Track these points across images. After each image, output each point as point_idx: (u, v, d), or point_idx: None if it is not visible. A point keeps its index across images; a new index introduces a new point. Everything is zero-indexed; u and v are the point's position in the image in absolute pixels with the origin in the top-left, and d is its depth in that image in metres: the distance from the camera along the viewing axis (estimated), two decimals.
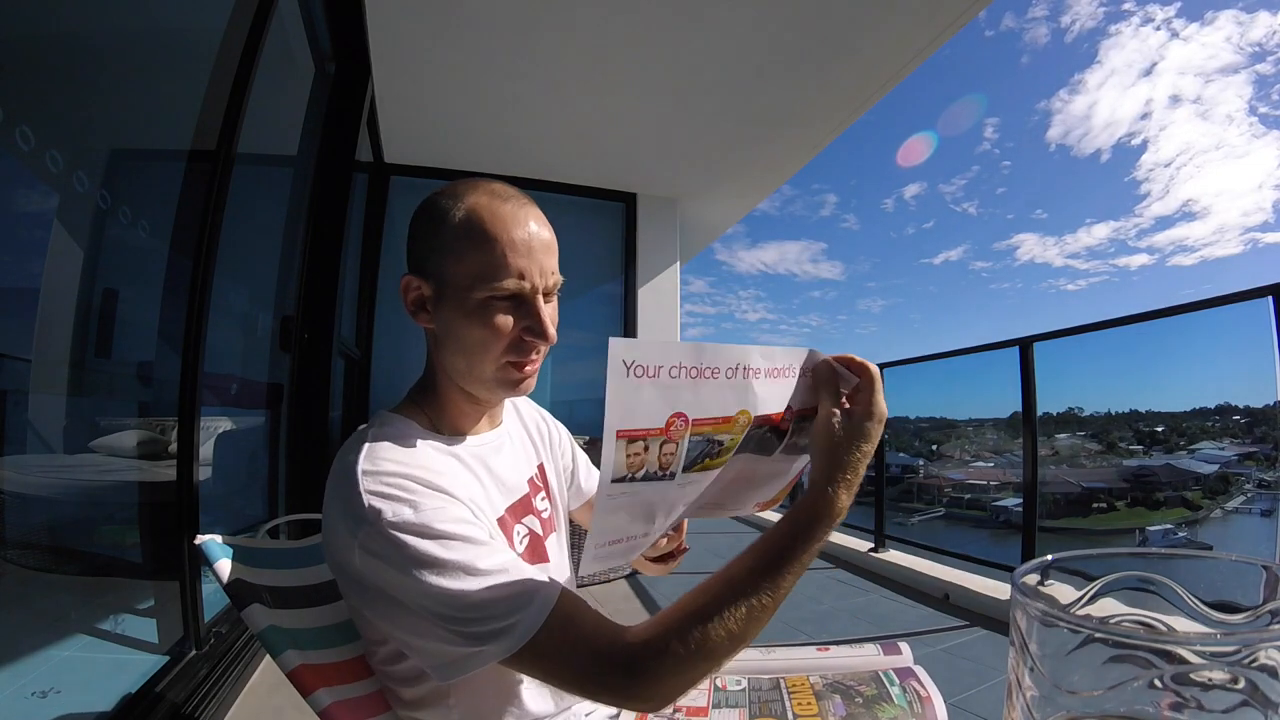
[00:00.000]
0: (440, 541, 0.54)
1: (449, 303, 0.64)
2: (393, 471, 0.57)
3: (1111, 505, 24.80)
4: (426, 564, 0.53)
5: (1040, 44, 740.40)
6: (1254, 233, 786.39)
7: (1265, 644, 0.27)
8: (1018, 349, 2.69)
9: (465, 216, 0.62)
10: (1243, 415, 26.01)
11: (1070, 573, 0.37)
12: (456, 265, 0.63)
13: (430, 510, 0.55)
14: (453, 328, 0.65)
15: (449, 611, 0.52)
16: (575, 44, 3.02)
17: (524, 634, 0.52)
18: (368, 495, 0.55)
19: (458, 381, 0.68)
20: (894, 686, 0.76)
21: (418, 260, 0.66)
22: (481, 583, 0.53)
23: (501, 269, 0.62)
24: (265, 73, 1.69)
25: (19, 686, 1.02)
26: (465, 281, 0.62)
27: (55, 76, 1.10)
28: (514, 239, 0.62)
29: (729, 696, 0.78)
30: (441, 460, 0.64)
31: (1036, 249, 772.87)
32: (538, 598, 0.54)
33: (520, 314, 0.64)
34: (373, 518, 0.54)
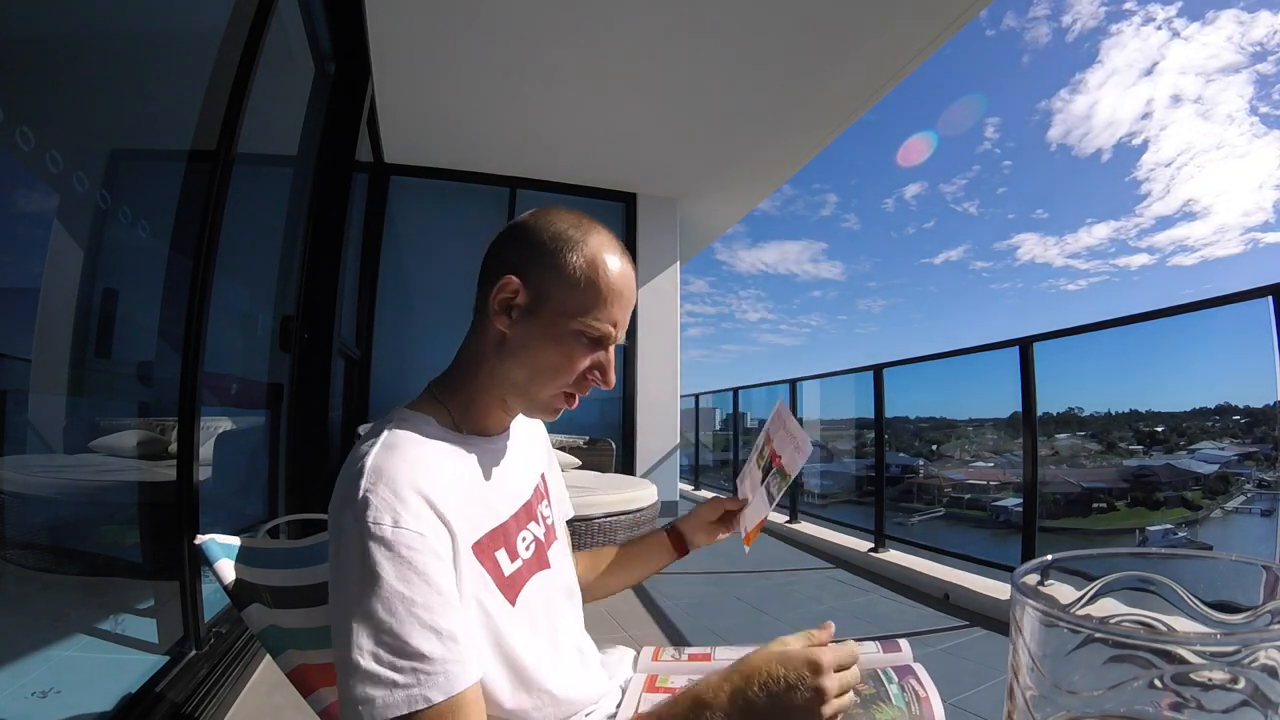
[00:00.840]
0: (400, 568, 0.53)
1: (539, 319, 0.66)
2: (398, 474, 0.57)
3: (1111, 505, 24.71)
4: (375, 581, 0.52)
5: (1041, 43, 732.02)
6: (1254, 233, 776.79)
7: (1265, 644, 0.27)
8: (1018, 349, 2.68)
9: (590, 256, 0.67)
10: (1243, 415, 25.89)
11: (1070, 573, 0.37)
12: (565, 291, 0.66)
13: (408, 532, 0.54)
14: (531, 342, 0.67)
15: (368, 637, 0.51)
16: (575, 44, 3.02)
17: (413, 703, 0.51)
18: (365, 489, 0.55)
19: (503, 389, 0.69)
20: (892, 685, 0.76)
21: (520, 266, 0.67)
22: (410, 629, 0.52)
23: (602, 313, 0.67)
24: (265, 73, 1.69)
25: (19, 686, 1.02)
26: (568, 309, 0.66)
27: (55, 76, 1.10)
28: (622, 293, 0.68)
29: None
30: (455, 468, 0.64)
31: (1037, 249, 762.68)
32: (450, 676, 0.52)
33: (595, 357, 0.69)
34: (359, 514, 0.54)
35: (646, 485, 3.19)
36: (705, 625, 2.32)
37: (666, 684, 0.80)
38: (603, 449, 4.12)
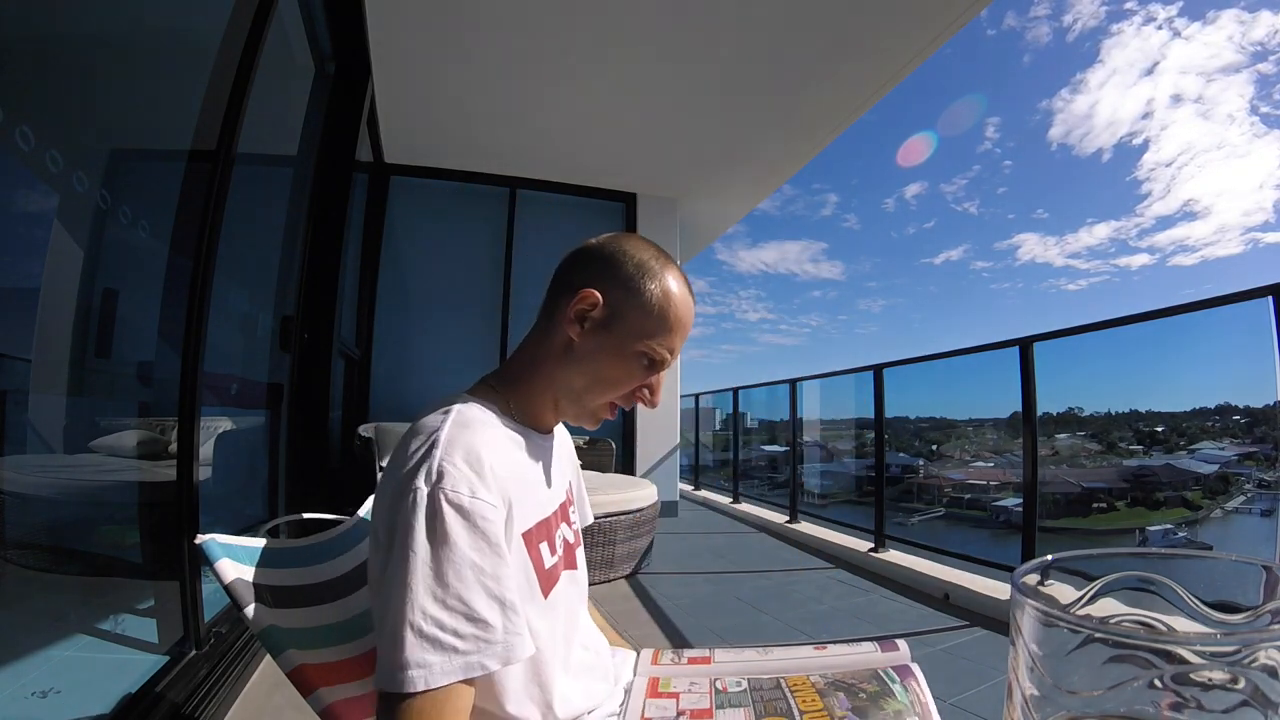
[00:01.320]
0: (475, 536, 0.55)
1: (610, 335, 0.71)
2: (476, 447, 0.59)
3: (1111, 505, 24.72)
4: (449, 545, 0.53)
5: (1042, 43, 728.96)
6: (1255, 232, 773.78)
7: (1265, 644, 0.27)
8: (1018, 349, 2.69)
9: (665, 288, 0.72)
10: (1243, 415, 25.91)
11: (1070, 573, 0.37)
12: (638, 314, 0.71)
13: (484, 504, 0.56)
14: (598, 354, 0.71)
15: (431, 599, 0.52)
16: (575, 44, 3.02)
17: (469, 669, 0.52)
18: (443, 456, 0.57)
19: (559, 393, 0.73)
20: (895, 684, 0.77)
21: (602, 284, 0.71)
22: (476, 596, 0.53)
23: (666, 340, 0.72)
24: (265, 73, 1.69)
25: (19, 686, 1.02)
26: (637, 330, 0.71)
27: (55, 76, 1.10)
28: (686, 325, 0.74)
29: (731, 698, 0.78)
30: (517, 454, 0.67)
31: (1037, 249, 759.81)
32: (510, 647, 0.54)
33: (647, 377, 0.73)
34: (435, 479, 0.55)
35: (646, 485, 3.19)
36: (705, 625, 2.32)
37: (669, 688, 0.80)
38: (603, 449, 4.13)
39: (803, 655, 0.88)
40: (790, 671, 0.83)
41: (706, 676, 0.83)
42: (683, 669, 0.86)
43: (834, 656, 0.87)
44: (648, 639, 2.16)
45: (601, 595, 2.70)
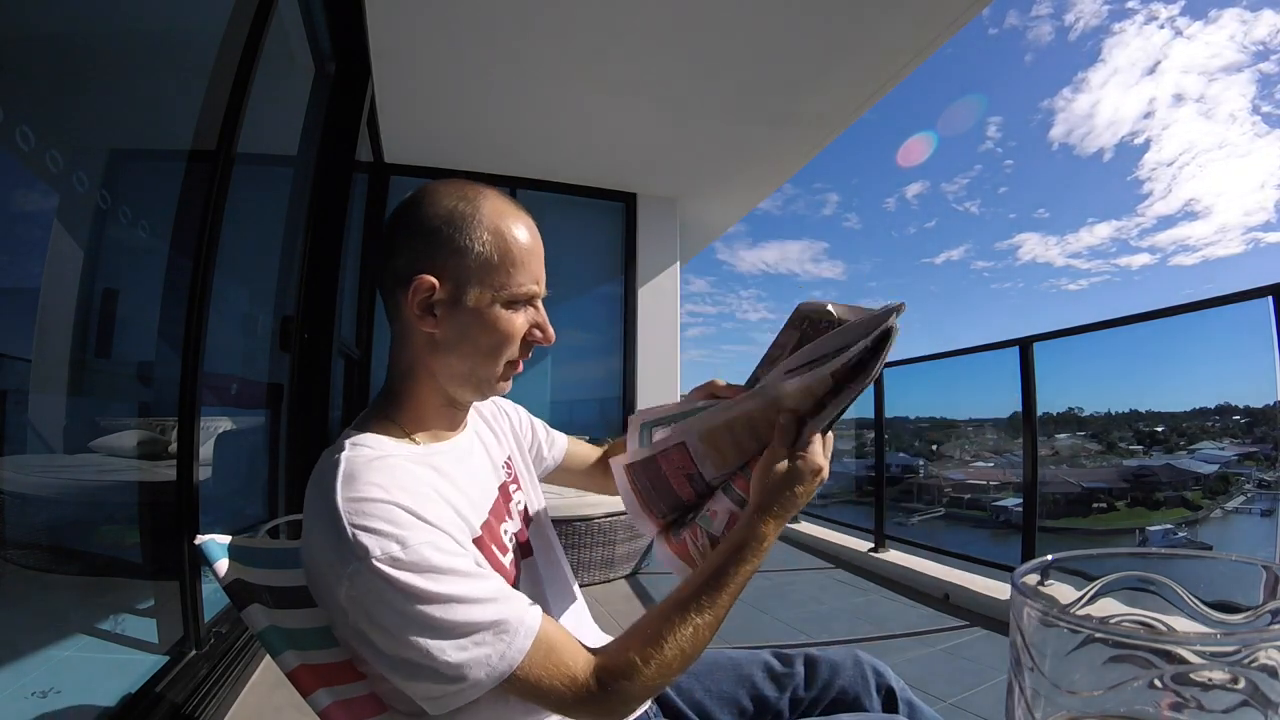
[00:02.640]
0: (429, 576, 0.54)
1: (467, 307, 0.65)
2: (376, 499, 0.55)
3: (1111, 505, 24.80)
4: (417, 599, 0.53)
5: (1044, 42, 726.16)
6: (1255, 232, 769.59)
7: (1265, 644, 0.27)
8: (1018, 349, 2.69)
9: (492, 225, 0.65)
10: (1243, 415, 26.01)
11: (1070, 573, 0.37)
12: (481, 270, 0.64)
13: (417, 545, 0.54)
14: (467, 331, 0.66)
15: (437, 643, 0.53)
16: (575, 44, 3.02)
17: (511, 663, 0.55)
18: (353, 529, 0.53)
19: (447, 385, 0.68)
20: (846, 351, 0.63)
21: (428, 263, 0.64)
22: (471, 614, 0.54)
23: (524, 275, 0.66)
24: (265, 73, 1.69)
25: (19, 686, 1.02)
26: (492, 286, 0.65)
27: (55, 76, 1.10)
28: (534, 249, 0.68)
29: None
30: (422, 478, 0.62)
31: (1038, 248, 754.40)
32: (524, 626, 0.57)
33: (528, 317, 0.68)
34: (361, 554, 0.53)
35: None
36: None
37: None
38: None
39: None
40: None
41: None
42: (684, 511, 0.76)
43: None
44: None
45: (601, 595, 2.70)
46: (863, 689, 0.81)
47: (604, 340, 4.80)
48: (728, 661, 0.86)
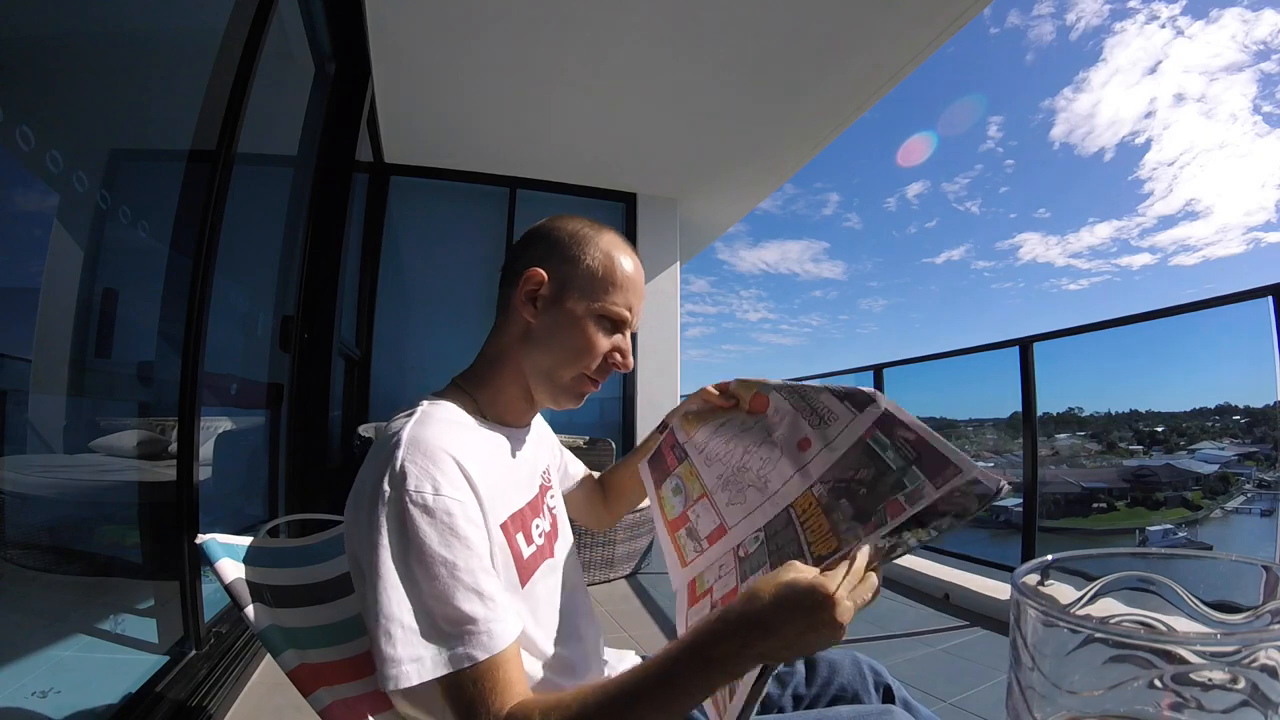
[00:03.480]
0: (442, 532, 0.56)
1: (563, 306, 0.72)
2: (435, 444, 0.59)
3: (1111, 505, 24.80)
4: (418, 547, 0.55)
5: (1045, 41, 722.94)
6: (1256, 232, 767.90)
7: (1265, 644, 0.27)
8: (1018, 349, 2.69)
9: (605, 250, 0.74)
10: (1243, 415, 26.03)
11: (1070, 573, 0.37)
12: (584, 279, 0.72)
13: (448, 499, 0.57)
14: (556, 329, 0.72)
15: (412, 601, 0.54)
16: (575, 44, 3.02)
17: (458, 662, 0.54)
18: (402, 459, 0.58)
19: (530, 377, 0.74)
20: (886, 450, 0.65)
21: (544, 261, 0.73)
22: (454, 592, 0.55)
23: (619, 297, 0.73)
24: (265, 73, 1.69)
25: (19, 686, 1.02)
26: (589, 294, 0.72)
27: (55, 76, 1.10)
28: (636, 282, 0.75)
29: (753, 560, 0.73)
30: (483, 448, 0.67)
31: (1039, 248, 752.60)
32: (491, 636, 0.55)
33: (614, 340, 0.74)
34: (398, 482, 0.56)
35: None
36: None
37: (704, 585, 0.78)
38: (603, 449, 4.13)
39: (795, 463, 0.74)
40: (795, 494, 0.72)
41: (729, 551, 0.76)
42: (707, 554, 0.81)
43: (820, 455, 0.71)
44: (648, 639, 2.16)
45: (601, 595, 2.70)
46: (861, 687, 0.82)
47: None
48: None
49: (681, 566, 0.83)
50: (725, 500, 0.80)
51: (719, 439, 0.86)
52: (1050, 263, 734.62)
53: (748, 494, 0.78)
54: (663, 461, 0.94)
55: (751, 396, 0.85)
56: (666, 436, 0.96)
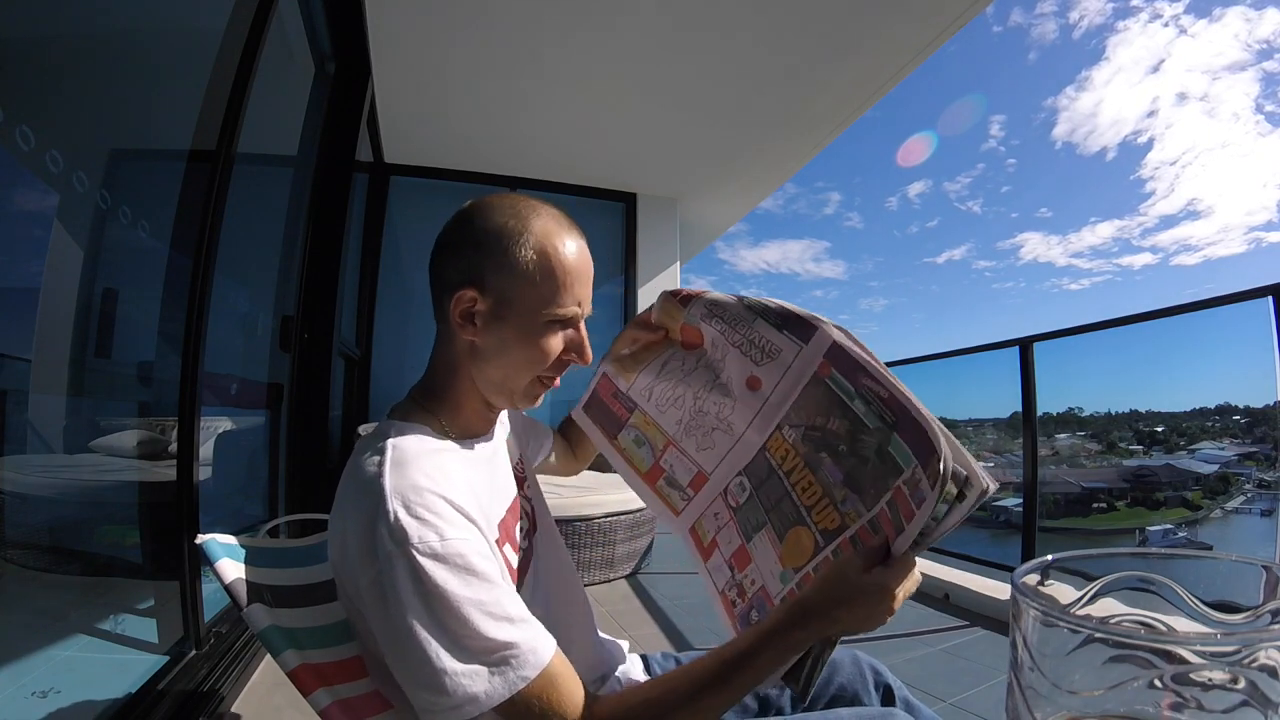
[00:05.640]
0: (461, 575, 0.54)
1: (507, 322, 0.66)
2: (424, 487, 0.57)
3: (1111, 505, 24.81)
4: (441, 595, 0.53)
5: (1048, 40, 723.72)
6: (1257, 232, 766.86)
7: (1265, 644, 0.27)
8: (1018, 349, 2.69)
9: (538, 244, 0.66)
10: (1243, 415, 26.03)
11: (1070, 573, 0.37)
12: (525, 289, 0.65)
13: (456, 540, 0.55)
14: (505, 345, 0.67)
15: (450, 647, 0.53)
16: (575, 44, 3.02)
17: (512, 688, 0.54)
18: (395, 513, 0.55)
19: (484, 391, 0.70)
20: (854, 400, 0.63)
21: (473, 275, 0.66)
22: (486, 627, 0.54)
23: (565, 297, 0.67)
24: (265, 73, 1.69)
25: (19, 686, 1.02)
26: (532, 305, 0.66)
27: (55, 76, 1.10)
28: (580, 271, 0.68)
29: (747, 513, 0.72)
30: (464, 472, 0.64)
31: (1040, 248, 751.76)
32: (534, 655, 0.56)
33: (567, 338, 0.69)
34: (400, 538, 0.54)
35: None
36: (705, 625, 2.31)
37: (706, 535, 0.78)
38: None
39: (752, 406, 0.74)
40: (764, 436, 0.72)
41: (718, 496, 0.77)
42: (696, 501, 0.80)
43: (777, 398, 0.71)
44: (648, 639, 2.16)
45: (601, 595, 2.70)
46: (861, 686, 0.82)
47: (604, 341, 4.78)
48: None
49: (675, 515, 0.81)
50: (694, 446, 0.79)
51: (664, 384, 0.83)
52: (1051, 262, 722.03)
53: (715, 438, 0.77)
54: (609, 412, 0.90)
55: (680, 327, 0.81)
56: (603, 382, 0.92)
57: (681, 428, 0.80)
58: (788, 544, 0.68)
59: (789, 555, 0.68)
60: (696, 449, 0.78)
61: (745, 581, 0.73)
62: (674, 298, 0.81)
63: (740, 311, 0.74)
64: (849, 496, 0.63)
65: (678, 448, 0.81)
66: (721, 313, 0.75)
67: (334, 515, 0.61)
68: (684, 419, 0.80)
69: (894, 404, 0.59)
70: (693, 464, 0.79)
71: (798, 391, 0.68)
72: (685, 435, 0.80)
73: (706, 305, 0.77)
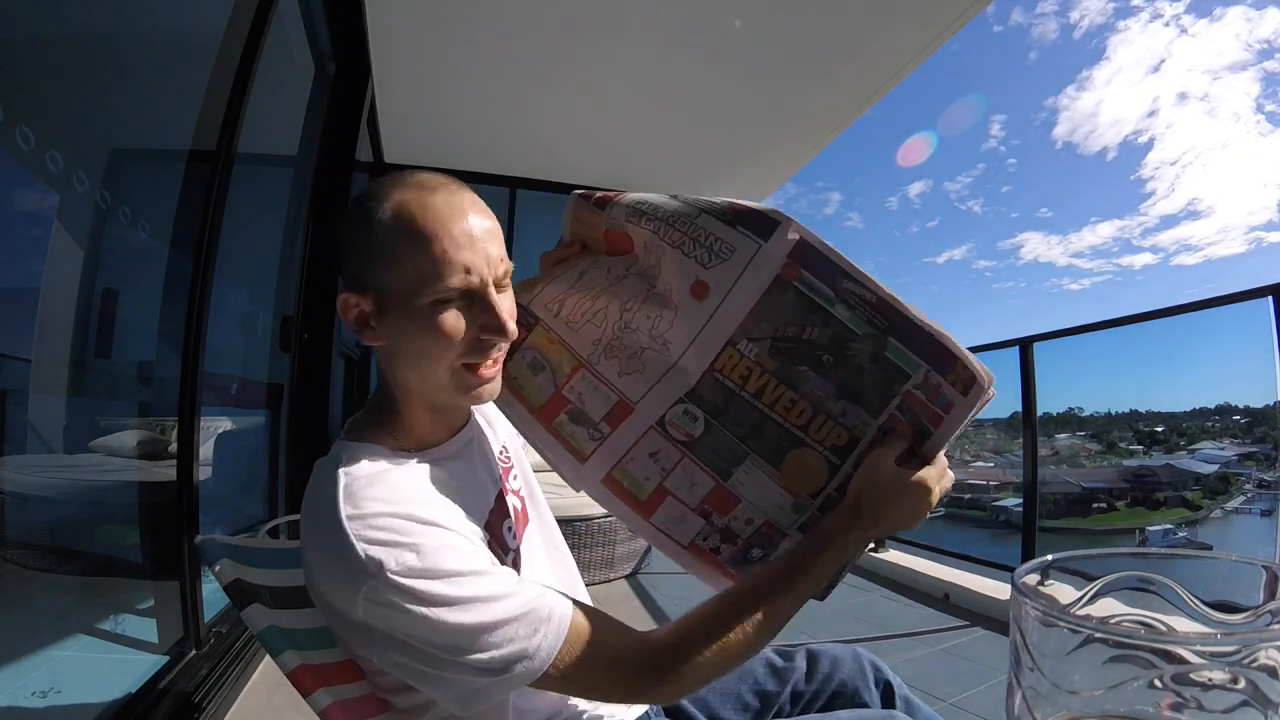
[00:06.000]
0: (448, 580, 0.53)
1: (394, 314, 0.59)
2: (382, 513, 0.54)
3: (1111, 505, 24.85)
4: (439, 604, 0.52)
5: (1049, 40, 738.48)
6: (1258, 231, 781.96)
7: (1265, 644, 0.27)
8: (1018, 349, 2.69)
9: (394, 216, 0.57)
10: (1243, 415, 26.04)
11: (1070, 573, 0.37)
12: (395, 272, 0.58)
13: (432, 550, 0.53)
14: (404, 341, 0.60)
15: (468, 645, 0.53)
16: (576, 45, 3.02)
17: (548, 654, 0.54)
18: (363, 545, 0.52)
19: (416, 396, 0.64)
20: (834, 305, 0.57)
21: (351, 274, 0.60)
22: (496, 612, 0.54)
23: (445, 267, 0.57)
24: (265, 73, 1.69)
25: (19, 686, 1.02)
26: (408, 288, 0.57)
27: (55, 76, 1.10)
28: (451, 232, 0.57)
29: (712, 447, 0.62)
30: (423, 485, 0.60)
31: (1040, 248, 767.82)
32: (554, 615, 0.56)
33: (473, 312, 0.59)
34: (375, 569, 0.51)
35: None
36: None
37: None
38: None
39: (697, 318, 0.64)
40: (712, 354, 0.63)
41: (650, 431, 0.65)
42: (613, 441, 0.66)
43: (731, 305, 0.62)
44: None
45: (601, 595, 2.70)
46: (862, 683, 0.82)
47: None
48: None
49: (581, 462, 0.68)
50: (615, 370, 0.66)
51: (580, 296, 0.68)
52: (1052, 262, 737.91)
53: (645, 359, 0.65)
54: None
55: (602, 234, 0.67)
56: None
57: (600, 348, 0.66)
58: (789, 469, 0.61)
59: (795, 481, 0.61)
60: (618, 373, 0.65)
61: (734, 524, 0.64)
62: (586, 200, 0.67)
63: (678, 208, 0.62)
64: (849, 409, 0.58)
65: (592, 371, 0.66)
66: (654, 210, 0.63)
67: (302, 546, 0.59)
68: (604, 337, 0.66)
69: (885, 308, 0.55)
70: (611, 391, 0.66)
71: (757, 298, 0.59)
72: (604, 357, 0.66)
73: (630, 205, 0.64)
